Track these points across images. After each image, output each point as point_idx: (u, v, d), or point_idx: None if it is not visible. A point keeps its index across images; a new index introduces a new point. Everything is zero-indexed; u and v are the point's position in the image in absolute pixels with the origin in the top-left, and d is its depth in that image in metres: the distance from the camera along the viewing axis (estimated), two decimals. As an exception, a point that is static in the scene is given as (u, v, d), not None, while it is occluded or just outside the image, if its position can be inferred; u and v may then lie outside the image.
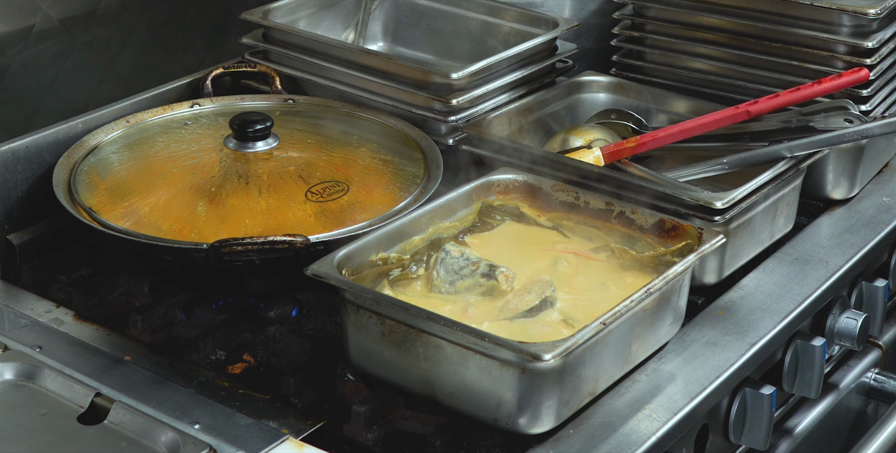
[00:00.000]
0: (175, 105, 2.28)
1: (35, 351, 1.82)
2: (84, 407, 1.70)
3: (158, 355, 1.87)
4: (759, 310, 2.01)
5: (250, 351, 1.94)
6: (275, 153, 2.09)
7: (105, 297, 2.05)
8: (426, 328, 1.72)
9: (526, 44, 2.31)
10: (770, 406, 1.97)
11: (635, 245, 1.94)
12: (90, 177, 2.07)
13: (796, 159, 2.08)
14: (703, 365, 1.88)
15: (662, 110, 2.34)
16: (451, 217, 1.99)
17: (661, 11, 2.42)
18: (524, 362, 1.65)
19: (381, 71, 2.27)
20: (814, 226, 2.24)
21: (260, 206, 1.98)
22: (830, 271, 2.11)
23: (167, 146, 2.15)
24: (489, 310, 1.82)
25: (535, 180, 2.03)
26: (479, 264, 1.86)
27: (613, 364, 1.80)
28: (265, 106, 2.30)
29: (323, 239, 1.89)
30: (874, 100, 2.26)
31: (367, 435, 1.76)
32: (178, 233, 1.93)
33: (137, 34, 2.52)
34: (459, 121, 2.20)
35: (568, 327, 1.78)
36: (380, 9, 2.59)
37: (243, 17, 2.40)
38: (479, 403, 1.71)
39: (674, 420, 1.78)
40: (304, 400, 1.84)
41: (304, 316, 2.02)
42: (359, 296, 1.77)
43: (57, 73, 2.39)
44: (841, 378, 2.34)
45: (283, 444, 1.66)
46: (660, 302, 1.83)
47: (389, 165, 2.11)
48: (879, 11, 2.23)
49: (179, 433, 1.64)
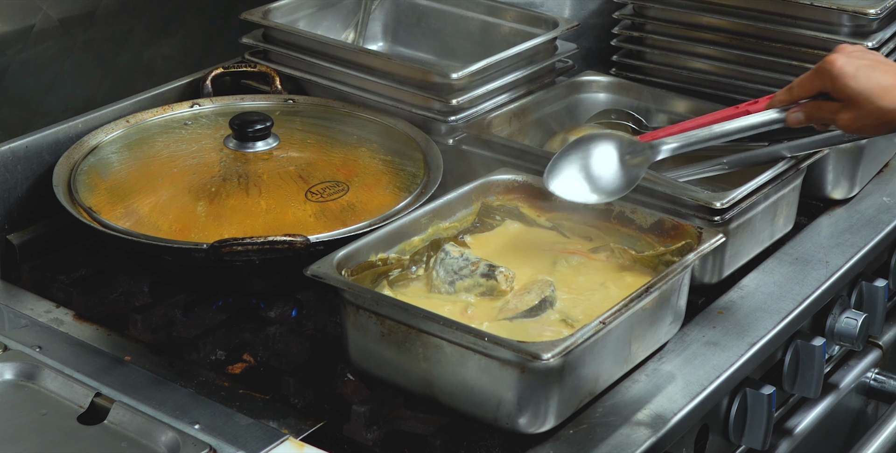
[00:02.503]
0: (175, 105, 2.28)
1: (35, 351, 1.82)
2: (84, 407, 1.70)
3: (158, 355, 1.88)
4: (759, 310, 2.01)
5: (250, 352, 1.94)
6: (275, 153, 2.09)
7: (105, 297, 2.05)
8: (426, 328, 1.72)
9: (526, 44, 2.31)
10: (770, 406, 1.97)
11: (635, 245, 1.94)
12: (90, 177, 2.07)
13: (796, 159, 2.08)
14: (703, 365, 1.88)
15: (662, 110, 2.34)
16: (451, 217, 1.99)
17: (661, 11, 2.42)
18: (524, 362, 1.65)
19: (381, 71, 2.27)
20: (814, 226, 2.24)
21: (260, 206, 1.98)
22: (830, 271, 2.11)
23: (167, 146, 2.15)
24: (489, 310, 1.82)
25: (535, 180, 2.03)
26: (478, 264, 1.86)
27: (613, 363, 1.80)
28: (265, 106, 2.30)
29: (323, 239, 1.89)
30: (874, 100, 2.26)
31: (367, 435, 1.76)
32: (178, 233, 1.93)
33: (137, 34, 2.51)
34: (459, 121, 2.20)
35: (568, 327, 1.78)
36: (380, 9, 2.59)
37: (243, 17, 2.40)
38: (478, 403, 1.71)
39: (674, 420, 1.78)
40: (304, 400, 1.84)
41: (304, 316, 2.02)
42: (358, 296, 1.77)
43: (57, 73, 2.39)
44: (841, 378, 2.34)
45: (283, 444, 1.66)
46: (659, 301, 1.83)
47: (389, 165, 2.11)
48: (879, 11, 2.23)
49: (179, 433, 1.65)
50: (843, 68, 1.75)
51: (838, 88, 1.78)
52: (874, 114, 1.75)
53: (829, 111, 1.82)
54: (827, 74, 1.78)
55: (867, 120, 1.77)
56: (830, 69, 1.77)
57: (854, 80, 1.74)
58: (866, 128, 1.80)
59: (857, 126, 1.79)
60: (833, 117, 1.81)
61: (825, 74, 1.78)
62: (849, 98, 1.77)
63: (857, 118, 1.77)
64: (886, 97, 1.73)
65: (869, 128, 1.79)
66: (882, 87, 1.74)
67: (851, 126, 1.80)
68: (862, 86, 1.74)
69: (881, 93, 1.74)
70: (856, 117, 1.77)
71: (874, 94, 1.74)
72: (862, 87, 1.74)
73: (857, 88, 1.74)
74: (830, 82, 1.78)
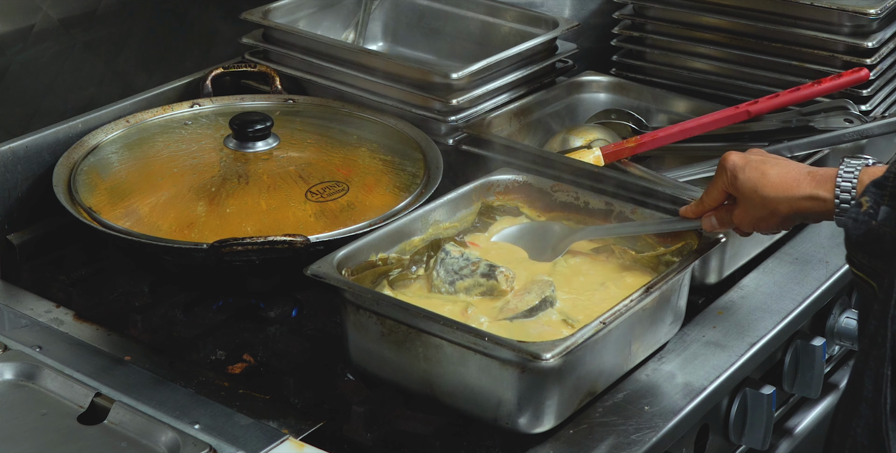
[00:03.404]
0: (175, 105, 2.28)
1: (35, 351, 1.82)
2: (84, 407, 1.70)
3: (158, 355, 1.88)
4: (759, 310, 2.01)
5: (250, 352, 1.94)
6: (275, 153, 2.09)
7: (105, 297, 2.05)
8: (426, 328, 1.72)
9: (526, 44, 2.31)
10: (770, 406, 1.97)
11: (635, 245, 1.94)
12: (90, 177, 2.07)
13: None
14: (703, 365, 1.88)
15: (662, 110, 2.34)
16: (451, 217, 1.99)
17: (661, 11, 2.42)
18: (524, 362, 1.65)
19: (381, 71, 2.27)
20: (814, 226, 2.24)
21: (260, 206, 1.98)
22: (830, 271, 2.11)
23: (167, 146, 2.15)
24: (489, 309, 1.82)
25: (535, 180, 2.03)
26: (478, 264, 1.86)
27: (613, 364, 1.80)
28: (265, 106, 2.30)
29: (323, 239, 1.89)
30: (874, 100, 2.26)
31: (367, 435, 1.76)
32: (178, 233, 1.93)
33: (137, 34, 2.51)
34: (459, 121, 2.20)
35: (568, 327, 1.78)
36: (380, 9, 2.59)
37: (243, 17, 2.40)
38: (479, 403, 1.71)
39: (674, 420, 1.78)
40: (304, 400, 1.84)
41: (304, 316, 2.02)
42: (359, 296, 1.77)
43: (57, 73, 2.39)
44: (841, 378, 2.33)
45: (283, 444, 1.66)
46: (659, 301, 1.83)
47: (389, 165, 2.11)
48: (879, 11, 2.23)
49: (179, 433, 1.64)
50: (735, 162, 1.76)
51: (731, 184, 1.77)
52: (759, 204, 1.74)
53: (727, 211, 1.81)
54: (722, 169, 1.78)
55: (756, 211, 1.75)
56: (725, 164, 1.77)
57: (742, 173, 1.75)
58: (762, 223, 1.77)
59: (749, 221, 1.77)
60: (731, 216, 1.80)
61: (721, 171, 1.78)
62: (739, 192, 1.77)
63: (747, 211, 1.76)
64: (769, 186, 1.72)
65: (763, 223, 1.77)
66: (766, 176, 1.73)
67: (745, 222, 1.78)
68: (747, 176, 1.74)
69: (764, 182, 1.73)
70: (745, 211, 1.76)
71: (759, 184, 1.73)
72: (747, 177, 1.74)
73: (743, 180, 1.74)
74: (727, 178, 1.78)
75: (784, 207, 1.73)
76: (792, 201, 1.72)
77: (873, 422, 1.50)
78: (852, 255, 1.50)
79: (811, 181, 1.71)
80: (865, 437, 1.52)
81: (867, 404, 1.51)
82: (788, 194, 1.72)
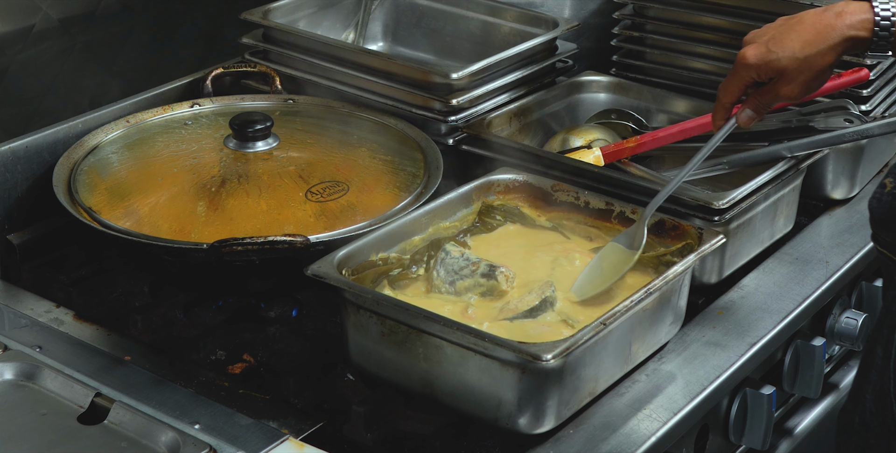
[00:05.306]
0: (175, 105, 2.28)
1: (35, 351, 1.82)
2: (84, 407, 1.70)
3: (158, 355, 1.88)
4: (759, 310, 2.01)
5: (250, 352, 1.94)
6: (275, 153, 2.09)
7: (105, 297, 2.05)
8: (426, 328, 1.72)
9: (526, 44, 2.31)
10: (770, 406, 1.97)
11: (635, 245, 1.94)
12: (90, 177, 2.07)
13: (796, 159, 2.08)
14: (703, 365, 1.88)
15: (662, 110, 2.34)
16: (451, 217, 1.99)
17: (661, 11, 2.42)
18: (524, 362, 1.65)
19: (381, 71, 2.27)
20: (814, 226, 2.24)
21: (260, 206, 1.98)
22: (830, 271, 2.11)
23: (167, 146, 2.15)
24: (489, 310, 1.82)
25: (535, 180, 2.03)
26: (479, 264, 1.86)
27: (613, 364, 1.80)
28: (265, 106, 2.30)
29: (323, 239, 1.89)
30: (874, 100, 2.26)
31: (368, 436, 1.76)
32: (178, 233, 1.93)
33: (137, 34, 2.51)
34: (459, 121, 2.20)
35: (568, 327, 1.78)
36: (380, 9, 2.59)
37: (243, 17, 2.40)
38: (479, 403, 1.71)
39: (674, 420, 1.78)
40: (304, 400, 1.84)
41: (304, 316, 2.02)
42: (359, 296, 1.77)
43: (57, 73, 2.39)
44: (841, 378, 2.34)
45: (283, 444, 1.66)
46: (660, 302, 1.83)
47: (389, 165, 2.11)
48: (879, 11, 2.22)
49: (179, 433, 1.65)
50: (757, 55, 1.83)
51: (764, 72, 1.84)
52: (805, 68, 1.82)
53: (768, 92, 1.86)
54: (747, 69, 1.83)
55: (803, 75, 1.82)
56: (747, 62, 1.83)
57: (772, 55, 1.82)
58: (813, 82, 1.84)
59: (800, 89, 1.84)
60: (776, 94, 1.86)
61: (746, 70, 1.84)
62: (777, 72, 1.83)
63: (793, 79, 1.83)
64: (806, 49, 1.80)
65: (815, 81, 1.84)
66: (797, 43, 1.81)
67: (796, 91, 1.85)
68: (781, 55, 1.82)
69: (799, 47, 1.81)
70: (790, 81, 1.83)
71: (795, 51, 1.81)
72: (781, 55, 1.82)
73: (779, 57, 1.82)
74: (755, 72, 1.84)
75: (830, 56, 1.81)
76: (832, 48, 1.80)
77: (880, 388, 1.52)
78: (877, 233, 1.54)
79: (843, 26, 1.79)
80: (873, 403, 1.53)
81: (876, 371, 1.52)
82: (826, 44, 1.80)
